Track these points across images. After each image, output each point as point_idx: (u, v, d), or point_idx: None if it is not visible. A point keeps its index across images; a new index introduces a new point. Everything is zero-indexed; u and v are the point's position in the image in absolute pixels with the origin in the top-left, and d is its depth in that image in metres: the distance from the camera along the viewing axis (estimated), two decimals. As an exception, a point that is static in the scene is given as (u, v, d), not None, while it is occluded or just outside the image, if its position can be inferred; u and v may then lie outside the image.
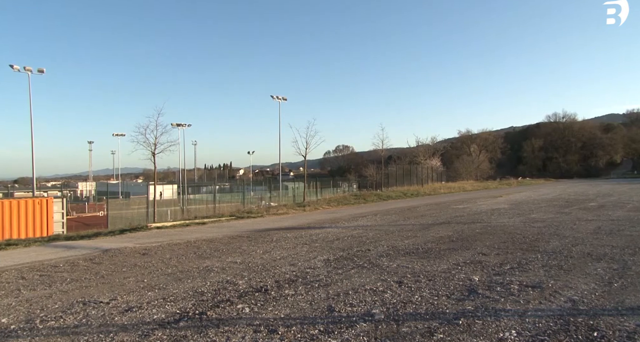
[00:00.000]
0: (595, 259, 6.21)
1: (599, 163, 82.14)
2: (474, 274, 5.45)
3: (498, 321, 3.68)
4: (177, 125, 51.84)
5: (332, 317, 3.89)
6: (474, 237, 8.77)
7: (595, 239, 8.09)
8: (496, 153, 78.98)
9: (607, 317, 3.73)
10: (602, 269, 5.60)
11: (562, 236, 8.52)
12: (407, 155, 54.52)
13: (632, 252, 6.69)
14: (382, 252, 7.23)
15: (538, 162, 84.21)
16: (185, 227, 12.65)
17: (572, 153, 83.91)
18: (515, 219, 12.07)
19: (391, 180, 35.69)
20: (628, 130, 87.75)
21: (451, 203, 19.99)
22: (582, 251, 6.92)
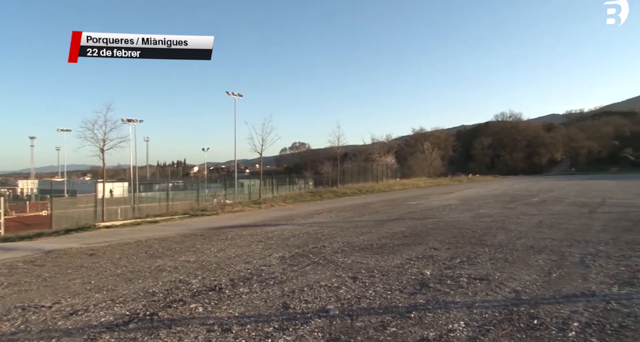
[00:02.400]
0: (537, 252, 6.55)
1: (541, 160, 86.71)
2: (426, 268, 5.62)
3: (448, 313, 3.82)
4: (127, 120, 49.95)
5: (287, 314, 3.90)
6: (426, 232, 9.03)
7: (537, 232, 8.53)
8: (448, 151, 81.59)
9: (546, 305, 3.96)
10: (543, 260, 5.92)
11: (508, 230, 8.93)
12: (363, 153, 55.22)
13: (568, 244, 7.11)
14: (338, 249, 7.31)
15: (487, 159, 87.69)
16: (137, 226, 12.28)
17: (517, 151, 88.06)
18: (465, 214, 12.53)
19: (347, 177, 36.07)
20: (567, 130, 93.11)
21: (405, 199, 20.47)
22: (526, 244, 7.28)
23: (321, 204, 19.76)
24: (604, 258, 5.94)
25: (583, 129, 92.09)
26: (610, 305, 3.93)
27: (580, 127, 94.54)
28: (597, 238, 7.61)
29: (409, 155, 66.73)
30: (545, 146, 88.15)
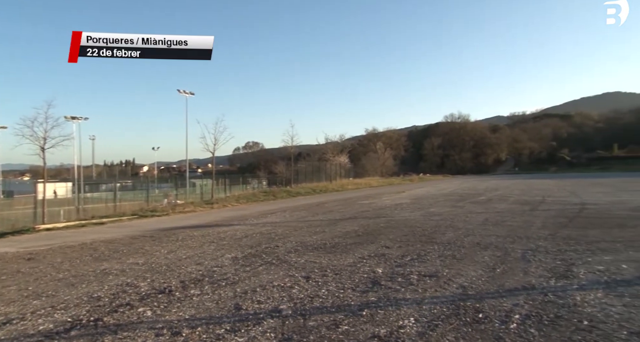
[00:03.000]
0: (483, 248, 6.82)
1: (487, 160, 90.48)
2: (378, 267, 5.72)
3: (399, 310, 3.91)
4: (71, 118, 47.73)
5: (239, 315, 3.85)
6: (378, 231, 9.19)
7: (484, 229, 8.88)
8: (400, 151, 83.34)
9: (491, 299, 4.13)
10: (488, 256, 6.17)
11: (456, 228, 9.24)
12: (317, 152, 55.49)
13: (512, 240, 7.46)
14: (291, 248, 7.30)
15: (437, 159, 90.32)
16: (81, 228, 11.73)
17: (466, 151, 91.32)
18: (416, 213, 12.85)
19: (301, 176, 36.07)
20: (511, 131, 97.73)
21: (358, 199, 20.73)
22: (473, 241, 7.56)
23: (275, 203, 19.67)
24: (543, 253, 6.27)
25: (525, 131, 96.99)
26: (547, 297, 4.15)
27: (523, 128, 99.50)
28: (537, 234, 8.02)
29: (362, 155, 67.61)
30: (491, 146, 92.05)
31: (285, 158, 43.38)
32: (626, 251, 6.25)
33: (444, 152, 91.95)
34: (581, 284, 4.61)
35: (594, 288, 4.42)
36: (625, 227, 8.68)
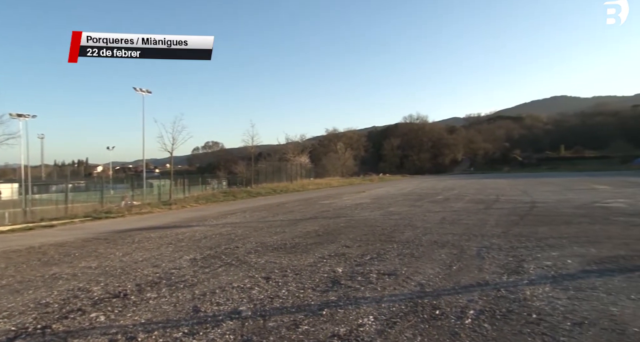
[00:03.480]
0: (440, 246, 7.00)
1: (445, 161, 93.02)
2: (338, 266, 5.76)
3: (358, 308, 3.95)
4: (17, 115, 45.42)
5: (198, 318, 3.78)
6: (338, 230, 9.25)
7: (441, 228, 9.11)
8: (360, 151, 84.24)
9: (447, 296, 4.25)
10: (445, 254, 6.33)
11: (415, 227, 9.43)
12: (277, 152, 55.30)
13: (467, 238, 7.69)
14: (251, 249, 7.24)
15: (396, 159, 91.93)
16: (29, 232, 11.17)
17: (424, 151, 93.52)
18: (375, 212, 13.03)
19: (261, 177, 35.81)
20: (467, 132, 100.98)
21: (319, 199, 20.81)
22: (430, 239, 7.74)
23: (235, 204, 19.44)
24: (496, 250, 6.51)
25: (480, 132, 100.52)
26: (500, 292, 4.31)
27: (478, 129, 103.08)
28: (491, 232, 8.30)
29: (322, 155, 67.90)
30: (448, 147, 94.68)
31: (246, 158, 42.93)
32: (571, 247, 6.58)
33: (403, 153, 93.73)
34: (531, 279, 4.81)
35: (542, 283, 4.63)
36: (570, 224, 9.13)
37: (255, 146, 35.98)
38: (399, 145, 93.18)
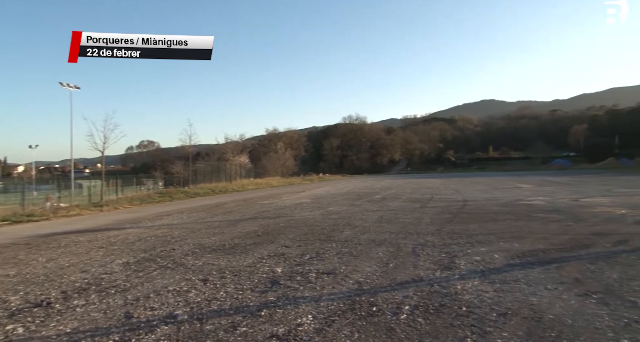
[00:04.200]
0: (378, 245, 7.17)
1: (383, 161, 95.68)
2: (277, 266, 5.74)
3: (297, 308, 3.96)
4: None
5: (130, 324, 3.63)
6: (278, 230, 9.23)
7: (378, 227, 9.35)
8: (300, 151, 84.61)
9: (384, 293, 4.37)
10: (382, 252, 6.50)
11: (354, 226, 9.60)
12: (216, 152, 54.26)
13: (404, 236, 7.95)
14: (188, 251, 7.05)
15: (336, 159, 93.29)
16: (-63, 237, 10.16)
17: (363, 151, 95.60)
18: (315, 212, 13.13)
19: (199, 177, 34.95)
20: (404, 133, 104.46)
21: (258, 199, 20.64)
22: (368, 238, 7.92)
23: (171, 205, 18.83)
24: (431, 247, 6.78)
25: (416, 133, 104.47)
26: (433, 288, 4.50)
27: (414, 131, 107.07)
28: (426, 230, 8.63)
29: (262, 155, 67.48)
30: (386, 147, 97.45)
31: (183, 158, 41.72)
32: (497, 242, 6.99)
33: (343, 153, 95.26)
34: (462, 274, 5.06)
35: (472, 277, 4.88)
36: (497, 220, 9.70)
37: (193, 146, 35.00)
38: (338, 146, 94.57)
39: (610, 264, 5.33)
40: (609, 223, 8.78)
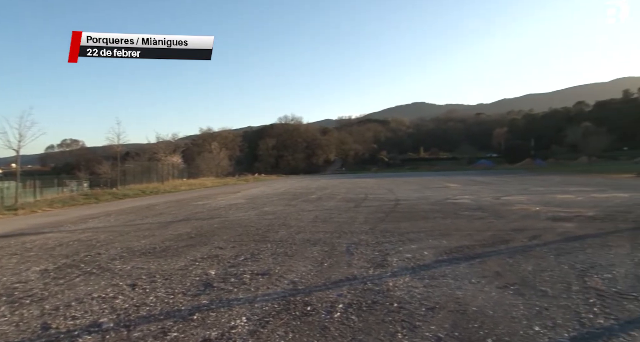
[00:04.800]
0: (313, 244, 7.22)
1: (318, 161, 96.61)
2: (211, 268, 5.61)
3: (231, 310, 3.89)
4: None
5: (48, 336, 3.38)
6: (212, 232, 9.03)
7: (314, 226, 9.42)
8: (235, 151, 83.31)
9: (318, 292, 4.41)
10: (317, 252, 6.56)
11: (289, 226, 9.60)
12: (147, 152, 52.17)
13: (338, 235, 8.06)
14: (115, 255, 6.70)
15: (272, 159, 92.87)
16: None
17: (299, 152, 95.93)
18: (250, 212, 12.98)
19: (129, 177, 33.38)
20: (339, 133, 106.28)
21: (192, 200, 20.07)
22: (303, 237, 7.95)
23: (97, 207, 17.80)
24: (364, 246, 6.93)
25: (351, 134, 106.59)
26: (367, 285, 4.61)
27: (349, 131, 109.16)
28: (360, 229, 8.82)
29: (196, 155, 65.78)
30: (321, 148, 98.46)
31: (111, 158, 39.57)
32: (427, 240, 7.29)
33: (279, 153, 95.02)
34: (394, 271, 5.22)
35: (403, 274, 5.05)
36: (427, 219, 10.12)
37: (121, 145, 33.37)
38: (274, 146, 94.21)
39: (526, 257, 5.74)
40: (525, 219, 9.44)
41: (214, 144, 73.38)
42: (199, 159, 62.03)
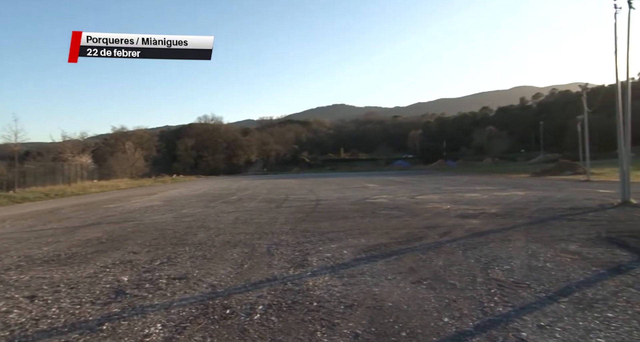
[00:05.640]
0: (233, 246, 7.10)
1: (239, 161, 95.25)
2: (123, 275, 5.31)
3: (145, 317, 3.71)
4: None
5: None
6: (125, 236, 8.55)
7: (234, 228, 9.26)
8: (152, 151, 79.58)
9: (238, 294, 4.34)
10: (237, 254, 6.46)
11: (208, 228, 9.36)
12: (52, 152, 48.21)
13: (259, 236, 8.01)
14: (10, 265, 6.09)
15: (191, 160, 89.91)
16: None
17: (219, 152, 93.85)
18: (167, 215, 12.46)
19: (29, 179, 30.49)
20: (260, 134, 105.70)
21: (103, 202, 18.87)
22: (223, 239, 7.79)
23: (-9, 212, 16.08)
24: (285, 246, 6.94)
25: (272, 134, 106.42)
26: (287, 286, 4.62)
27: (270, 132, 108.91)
28: (281, 229, 8.82)
29: (108, 155, 61.85)
30: (242, 148, 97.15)
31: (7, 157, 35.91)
32: (347, 239, 7.48)
33: (198, 153, 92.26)
34: (314, 270, 5.29)
35: (323, 273, 5.13)
36: (347, 218, 10.37)
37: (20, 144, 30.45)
38: (193, 146, 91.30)
39: (437, 253, 6.10)
40: (437, 217, 10.03)
41: (129, 143, 69.64)
42: (111, 160, 58.40)
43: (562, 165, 34.55)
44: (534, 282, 4.47)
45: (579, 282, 4.46)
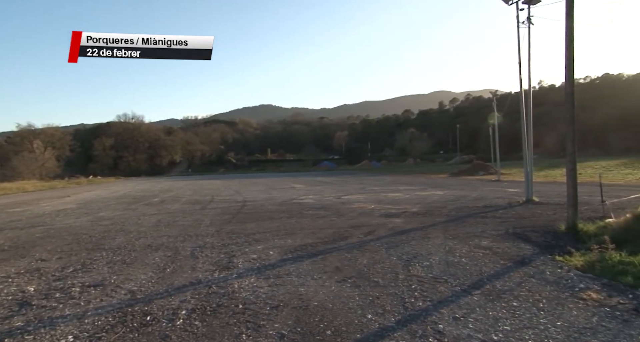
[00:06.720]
0: (155, 250, 6.82)
1: (162, 162, 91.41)
2: (29, 285, 4.90)
3: (54, 330, 3.46)
4: None
5: None
6: (33, 242, 7.89)
7: (156, 231, 8.89)
8: (65, 151, 74.02)
9: (160, 300, 4.18)
10: (159, 257, 6.21)
11: (128, 232, 8.90)
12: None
13: (182, 239, 7.76)
14: None
15: (109, 160, 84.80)
16: None
17: (140, 152, 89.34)
18: (82, 218, 11.68)
19: None
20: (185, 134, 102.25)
21: (6, 206, 17.25)
22: (144, 243, 7.46)
23: None
24: (210, 249, 6.79)
25: (197, 134, 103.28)
26: (212, 289, 4.52)
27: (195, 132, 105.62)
28: (206, 231, 8.61)
29: (13, 154, 56.70)
30: (165, 148, 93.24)
31: None
32: (273, 240, 7.47)
33: (117, 153, 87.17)
34: (239, 272, 5.23)
35: (249, 275, 5.09)
36: (274, 219, 10.35)
37: None
38: (112, 146, 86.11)
39: (362, 251, 6.28)
40: (362, 217, 10.31)
41: (37, 142, 64.31)
42: (16, 160, 53.57)
43: (476, 166, 37.05)
44: (451, 277, 4.76)
45: (489, 275, 4.82)
